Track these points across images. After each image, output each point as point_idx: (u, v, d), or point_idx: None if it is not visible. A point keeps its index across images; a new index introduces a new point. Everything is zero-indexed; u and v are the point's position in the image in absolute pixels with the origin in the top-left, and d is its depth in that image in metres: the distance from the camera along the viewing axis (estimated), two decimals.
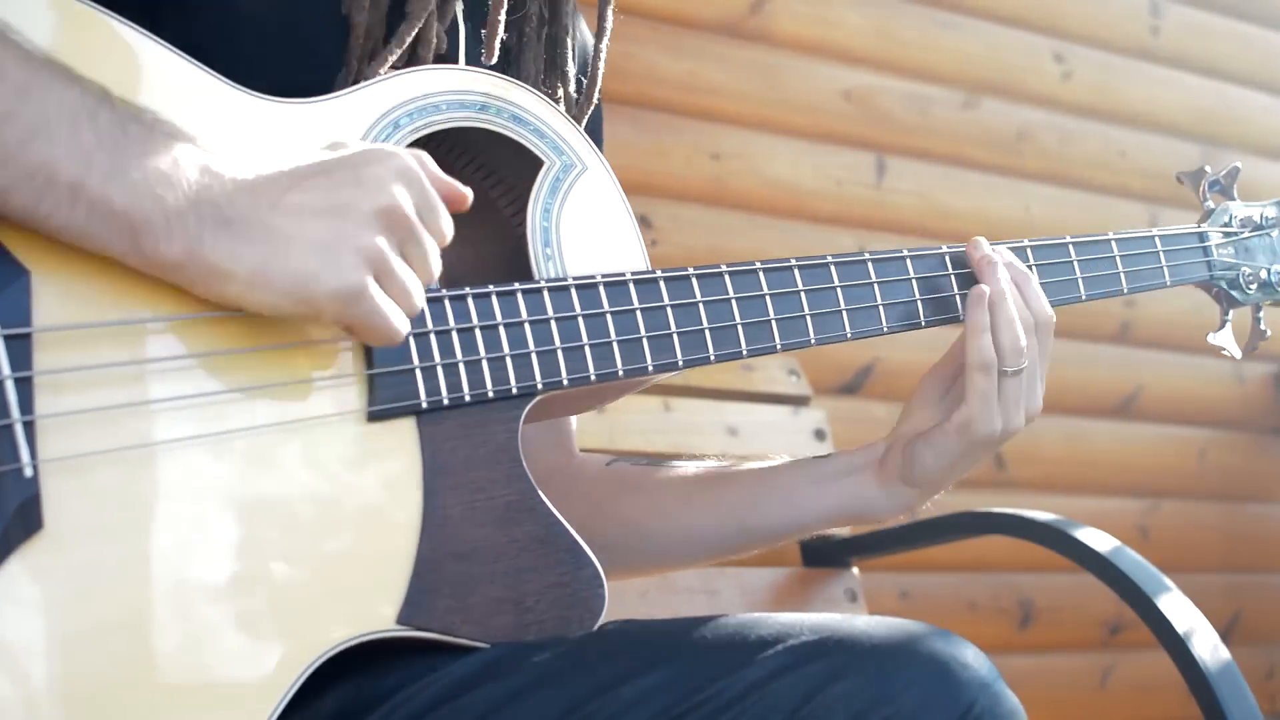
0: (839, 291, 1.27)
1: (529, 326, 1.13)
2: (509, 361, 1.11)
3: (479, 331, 1.10)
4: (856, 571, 2.35)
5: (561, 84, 1.32)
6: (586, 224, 1.21)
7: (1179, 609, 1.78)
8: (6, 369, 0.92)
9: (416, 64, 1.23)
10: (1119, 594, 1.86)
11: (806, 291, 1.26)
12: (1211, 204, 1.53)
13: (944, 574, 3.11)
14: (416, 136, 1.15)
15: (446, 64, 1.22)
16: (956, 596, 3.15)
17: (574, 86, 1.34)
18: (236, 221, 0.95)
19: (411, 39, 1.21)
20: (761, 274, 1.24)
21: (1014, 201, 3.33)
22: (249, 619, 0.99)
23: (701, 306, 1.21)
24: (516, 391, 1.11)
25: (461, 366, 1.09)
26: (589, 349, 1.15)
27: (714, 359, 1.21)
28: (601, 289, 1.17)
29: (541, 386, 1.12)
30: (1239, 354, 1.53)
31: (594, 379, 1.15)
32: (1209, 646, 1.74)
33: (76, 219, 0.92)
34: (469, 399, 1.09)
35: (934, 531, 2.29)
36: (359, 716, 1.08)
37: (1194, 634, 1.75)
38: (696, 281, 1.21)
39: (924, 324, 1.32)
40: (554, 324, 1.14)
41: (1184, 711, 1.93)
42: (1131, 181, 3.50)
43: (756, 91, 2.96)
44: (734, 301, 1.22)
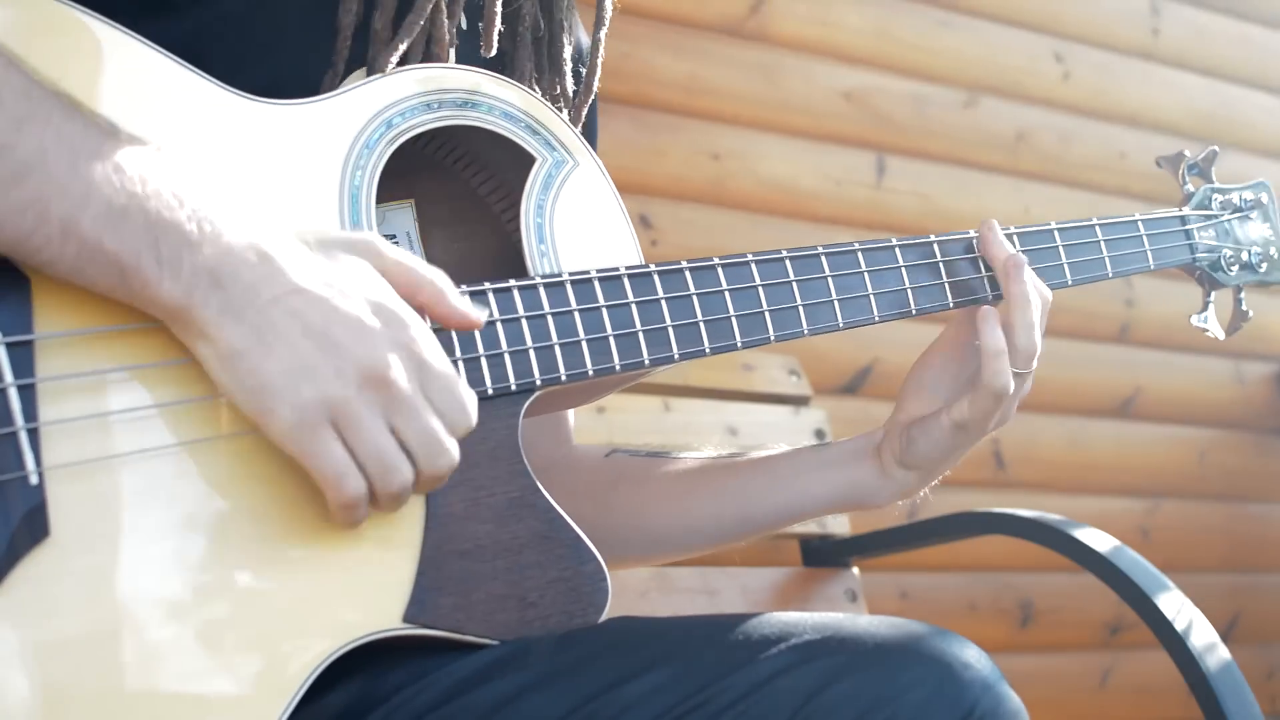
0: (830, 281, 1.27)
1: (525, 323, 1.13)
2: (507, 358, 1.11)
3: (477, 331, 1.10)
4: (856, 571, 2.35)
5: (559, 79, 1.32)
6: (580, 220, 1.21)
7: (1179, 609, 1.78)
8: (9, 376, 0.92)
9: (431, 60, 1.22)
10: (1119, 594, 1.86)
11: (798, 282, 1.26)
12: (1191, 188, 1.55)
13: (944, 574, 3.11)
14: (409, 135, 1.15)
15: (438, 63, 1.22)
16: (956, 596, 3.15)
17: (571, 82, 1.33)
18: (234, 293, 0.94)
19: (420, 34, 1.21)
20: (754, 266, 1.24)
21: (1013, 201, 3.33)
22: (255, 622, 0.98)
23: (695, 299, 1.21)
24: (515, 388, 1.11)
25: (460, 364, 1.09)
26: (585, 344, 1.15)
27: (709, 351, 1.21)
28: (596, 284, 1.17)
29: (540, 382, 1.12)
30: (1222, 335, 1.54)
31: (592, 373, 1.15)
32: (1209, 646, 1.74)
33: (66, 256, 0.91)
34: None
35: (934, 531, 2.29)
36: (364, 715, 1.08)
37: (1194, 634, 1.75)
38: (690, 275, 1.21)
39: (914, 312, 1.32)
40: (550, 319, 1.14)
41: (1184, 711, 1.93)
42: (1131, 181, 3.49)
43: (756, 92, 2.96)
44: (727, 293, 1.22)
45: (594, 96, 1.37)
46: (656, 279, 1.19)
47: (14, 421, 0.91)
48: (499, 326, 1.11)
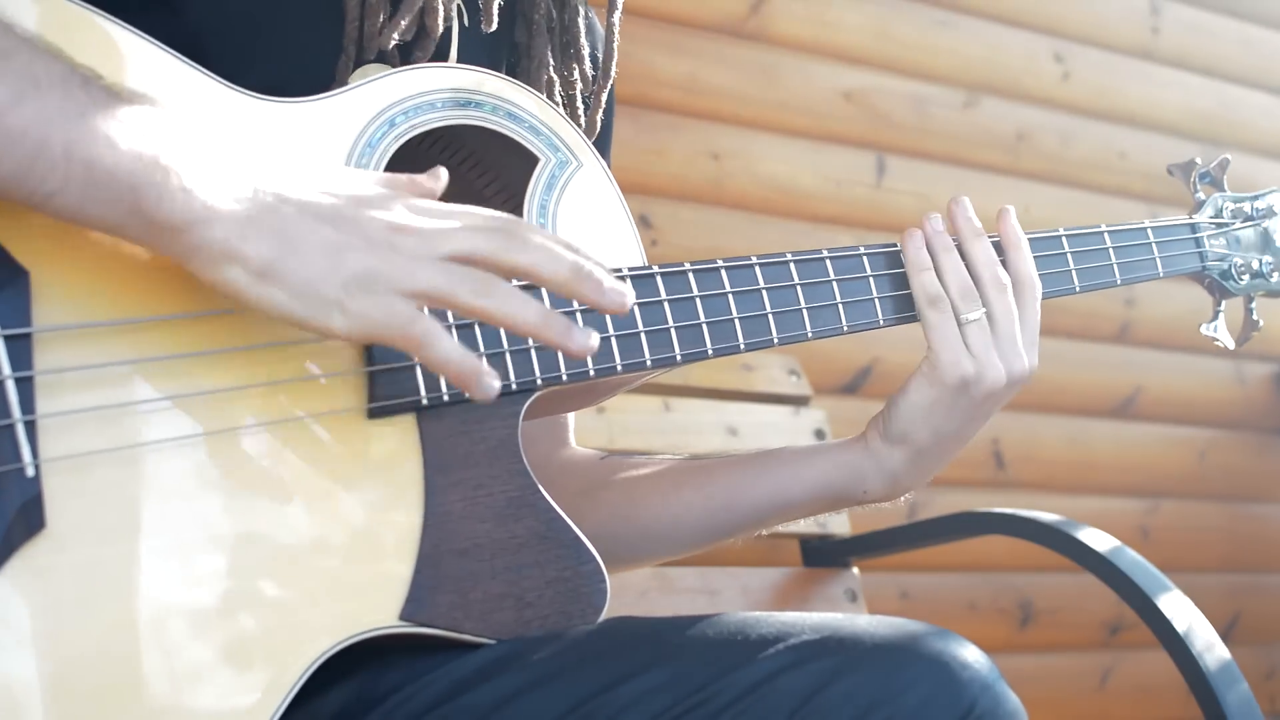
0: (835, 285, 1.27)
1: None
2: (508, 357, 1.11)
3: (478, 327, 1.10)
4: (856, 571, 2.35)
5: (577, 64, 1.32)
6: (583, 220, 1.21)
7: (1179, 609, 1.78)
8: (7, 369, 0.92)
9: (425, 36, 1.22)
10: (1119, 594, 1.86)
11: (802, 285, 1.26)
12: (1202, 195, 1.55)
13: (944, 574, 3.11)
14: (411, 135, 1.15)
15: (442, 62, 1.22)
16: (956, 596, 3.14)
17: (589, 65, 1.33)
18: (246, 206, 0.93)
19: (415, 14, 1.21)
20: (758, 269, 1.24)
21: (1014, 201, 3.27)
22: (251, 617, 0.98)
23: (698, 301, 1.21)
24: (516, 387, 1.11)
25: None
26: None
27: (711, 354, 1.21)
28: None
29: (541, 382, 1.12)
30: (1232, 344, 1.53)
31: (592, 374, 1.15)
32: (1209, 646, 1.74)
33: (74, 180, 0.88)
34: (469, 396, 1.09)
35: (934, 531, 2.29)
36: (361, 714, 1.08)
37: (1194, 634, 1.75)
38: (693, 276, 1.21)
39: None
40: None
41: (1184, 711, 1.93)
42: (1131, 182, 3.49)
43: (756, 92, 2.96)
44: (730, 296, 1.22)
45: (612, 101, 1.37)
46: (659, 280, 1.19)
47: (11, 414, 0.91)
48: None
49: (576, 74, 1.32)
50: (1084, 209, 3.39)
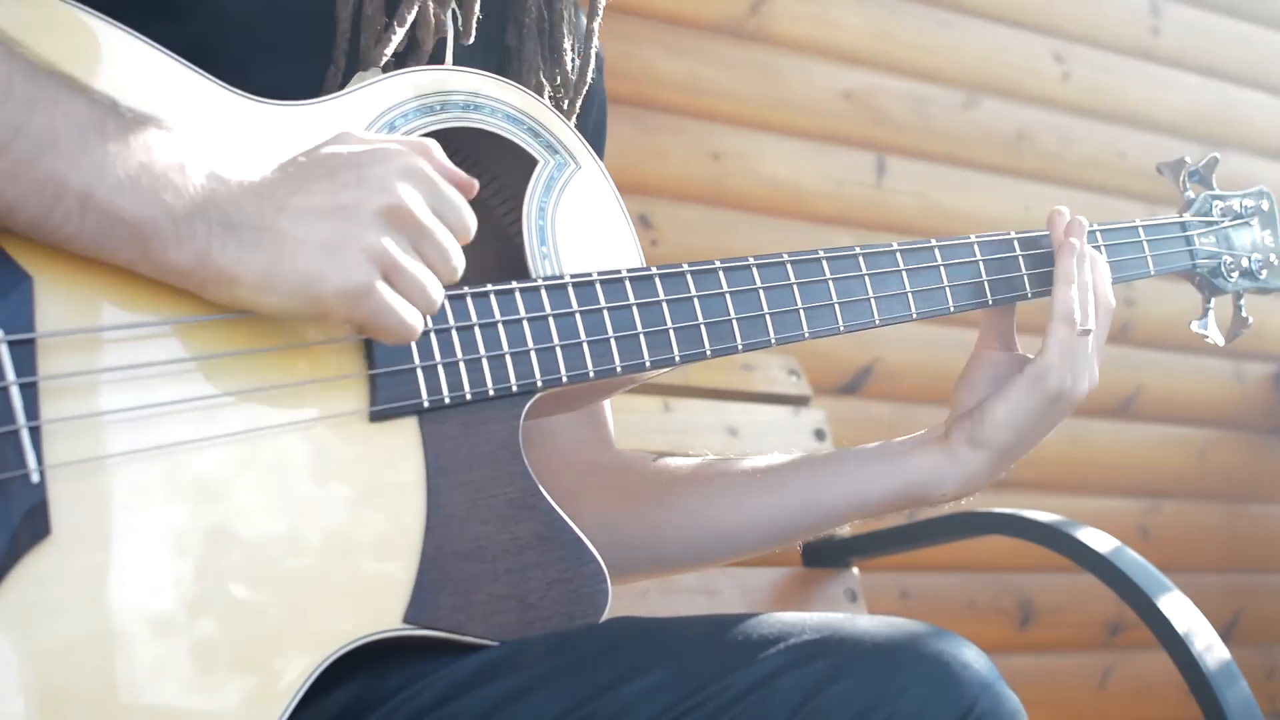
0: (830, 285, 1.28)
1: (527, 324, 1.13)
2: (508, 360, 1.11)
3: (478, 330, 1.10)
4: (856, 571, 2.35)
5: (558, 67, 1.33)
6: (582, 222, 1.21)
7: (1179, 609, 1.78)
8: (11, 374, 0.92)
9: (417, 49, 1.23)
10: (1119, 594, 1.86)
11: (799, 285, 1.26)
12: (1191, 194, 1.56)
13: (944, 574, 3.11)
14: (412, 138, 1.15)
15: (440, 65, 1.23)
16: (956, 596, 3.15)
17: (571, 69, 1.34)
18: (243, 226, 0.96)
19: (411, 20, 1.21)
20: (755, 269, 1.24)
21: (1014, 201, 3.33)
22: (258, 620, 0.99)
23: (697, 301, 1.21)
24: (516, 389, 1.12)
25: (462, 365, 1.09)
26: (587, 345, 1.15)
27: (710, 354, 1.21)
28: (598, 286, 1.17)
29: (541, 384, 1.13)
30: (1222, 341, 1.55)
31: (592, 375, 1.15)
32: (1209, 646, 1.74)
33: (86, 229, 0.93)
34: (470, 397, 1.09)
35: (934, 531, 2.29)
36: (363, 715, 1.08)
37: (1194, 634, 1.75)
38: (691, 277, 1.21)
39: (914, 317, 1.33)
40: (551, 321, 1.14)
41: (1184, 711, 1.93)
42: (1131, 181, 3.49)
43: (756, 91, 2.96)
44: (728, 296, 1.23)
45: (604, 102, 1.37)
46: (658, 281, 1.20)
47: (15, 419, 0.91)
48: (500, 328, 1.12)
49: (559, 78, 1.32)
50: (1084, 209, 3.36)
